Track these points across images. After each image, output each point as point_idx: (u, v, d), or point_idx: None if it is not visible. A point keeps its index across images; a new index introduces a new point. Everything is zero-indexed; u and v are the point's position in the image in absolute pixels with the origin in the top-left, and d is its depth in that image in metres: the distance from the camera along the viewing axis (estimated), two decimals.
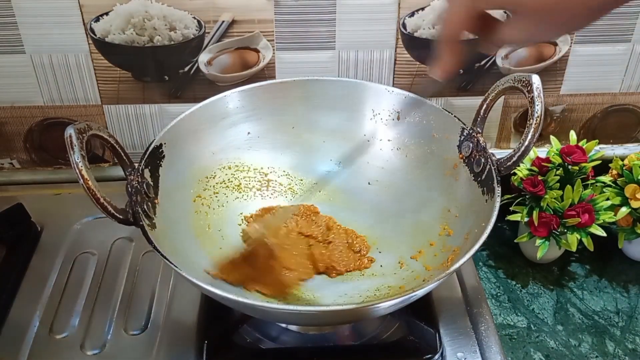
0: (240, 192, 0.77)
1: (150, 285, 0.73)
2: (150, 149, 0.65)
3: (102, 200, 0.56)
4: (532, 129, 0.59)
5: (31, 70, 0.80)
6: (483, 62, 0.83)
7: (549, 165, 0.78)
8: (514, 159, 0.61)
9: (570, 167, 0.77)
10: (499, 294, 0.79)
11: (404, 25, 0.79)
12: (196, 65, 0.81)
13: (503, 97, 0.82)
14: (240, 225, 0.74)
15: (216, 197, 0.74)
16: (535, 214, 0.75)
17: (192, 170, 0.72)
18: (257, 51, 0.81)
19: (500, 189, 0.61)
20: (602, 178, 0.80)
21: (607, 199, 0.77)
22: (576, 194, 0.74)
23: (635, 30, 0.82)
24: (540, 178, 0.76)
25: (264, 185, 0.78)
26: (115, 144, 0.60)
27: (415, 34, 0.80)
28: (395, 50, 0.82)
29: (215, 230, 0.72)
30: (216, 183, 0.75)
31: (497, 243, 0.87)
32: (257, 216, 0.75)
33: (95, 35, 0.77)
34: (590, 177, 0.78)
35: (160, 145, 0.67)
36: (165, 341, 0.66)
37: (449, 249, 0.65)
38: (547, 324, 0.75)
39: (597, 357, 0.71)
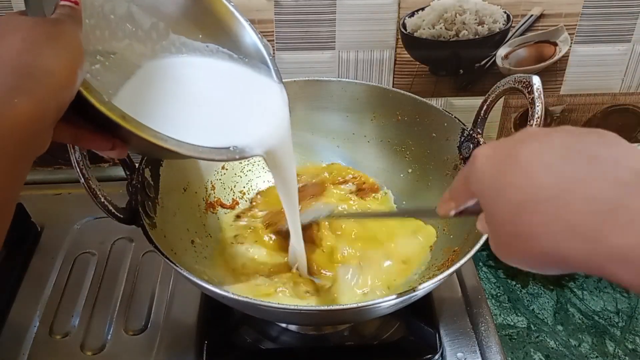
0: (240, 192, 0.77)
1: (150, 285, 0.73)
2: None
3: (102, 199, 0.56)
4: None
5: None
6: (483, 62, 0.83)
7: None
8: None
9: None
10: (499, 294, 0.79)
11: (404, 25, 0.79)
12: None
13: (503, 97, 0.82)
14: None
15: (216, 196, 0.74)
16: None
17: (192, 169, 0.72)
18: None
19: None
20: None
21: None
22: None
23: (635, 30, 0.82)
24: None
25: (264, 184, 0.78)
26: None
27: (415, 34, 0.80)
28: (395, 50, 0.82)
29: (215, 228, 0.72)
30: (217, 182, 0.75)
31: None
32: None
33: None
34: None
35: None
36: (165, 341, 0.66)
37: (449, 249, 0.65)
38: (547, 324, 0.75)
39: (597, 357, 0.71)
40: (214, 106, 0.52)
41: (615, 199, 0.31)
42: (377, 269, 0.66)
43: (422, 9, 0.78)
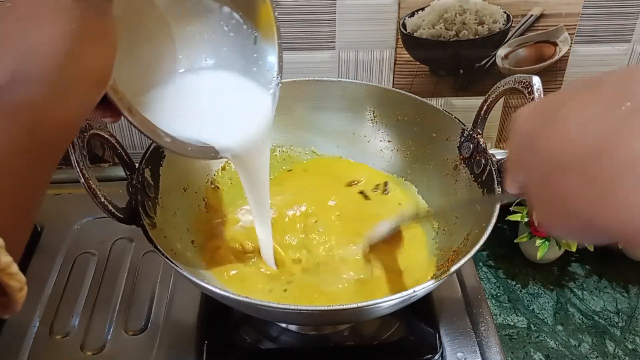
0: (240, 191, 0.76)
1: (150, 285, 0.73)
2: (151, 148, 0.65)
3: (102, 199, 0.56)
4: None
5: None
6: (483, 62, 0.83)
7: None
8: None
9: None
10: (499, 294, 0.79)
11: (404, 25, 0.79)
12: None
13: (503, 97, 0.82)
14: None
15: (217, 196, 0.74)
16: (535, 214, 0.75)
17: (192, 169, 0.72)
18: None
19: (500, 190, 0.61)
20: None
21: None
22: None
23: (635, 30, 0.82)
24: None
25: None
26: (115, 144, 0.60)
27: (415, 34, 0.80)
28: (395, 50, 0.82)
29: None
30: (217, 182, 0.75)
31: (497, 243, 0.87)
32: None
33: None
34: None
35: None
36: (165, 341, 0.66)
37: (449, 249, 0.65)
38: (547, 324, 0.75)
39: (597, 357, 0.71)
40: (205, 109, 0.56)
41: None
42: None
43: (422, 9, 0.78)
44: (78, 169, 0.54)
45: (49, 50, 0.33)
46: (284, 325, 0.68)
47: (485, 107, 0.66)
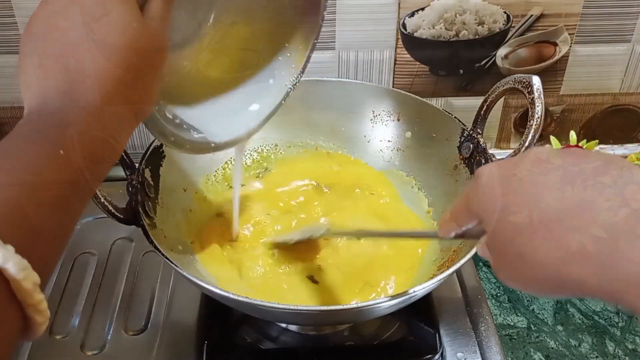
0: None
1: (150, 285, 0.73)
2: (151, 148, 0.65)
3: (102, 199, 0.56)
4: (533, 130, 0.59)
5: None
6: (483, 62, 0.83)
7: None
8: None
9: None
10: (499, 294, 0.80)
11: (404, 25, 0.79)
12: None
13: (503, 97, 0.82)
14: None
15: (217, 196, 0.74)
16: None
17: (192, 169, 0.72)
18: None
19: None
20: None
21: None
22: None
23: (635, 30, 0.82)
24: None
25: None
26: None
27: (415, 34, 0.80)
28: (395, 50, 0.82)
29: None
30: (217, 182, 0.75)
31: None
32: None
33: None
34: None
35: (161, 144, 0.67)
36: (165, 341, 0.66)
37: (449, 249, 0.65)
38: (547, 324, 0.75)
39: (597, 357, 0.71)
40: (211, 102, 0.57)
41: (633, 222, 0.29)
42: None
43: (422, 9, 0.78)
44: None
45: (102, 78, 0.32)
46: (284, 325, 0.68)
47: (485, 107, 0.66)
